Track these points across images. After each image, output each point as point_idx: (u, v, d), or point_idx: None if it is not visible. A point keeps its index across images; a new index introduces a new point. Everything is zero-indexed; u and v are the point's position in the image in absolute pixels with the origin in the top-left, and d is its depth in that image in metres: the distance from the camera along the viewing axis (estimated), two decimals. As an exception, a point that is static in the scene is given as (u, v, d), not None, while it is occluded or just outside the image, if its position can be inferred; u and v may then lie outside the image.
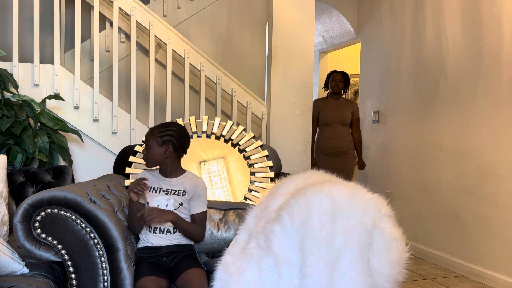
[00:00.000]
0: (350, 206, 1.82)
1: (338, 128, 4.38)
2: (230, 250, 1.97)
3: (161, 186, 2.07)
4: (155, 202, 2.04)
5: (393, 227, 1.81)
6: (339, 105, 4.43)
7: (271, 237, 1.81)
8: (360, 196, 1.86)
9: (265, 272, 1.78)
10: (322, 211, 1.79)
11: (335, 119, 4.37)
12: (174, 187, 2.07)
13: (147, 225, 2.00)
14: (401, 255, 1.77)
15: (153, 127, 2.08)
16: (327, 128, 4.41)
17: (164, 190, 2.06)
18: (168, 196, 2.05)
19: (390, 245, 1.77)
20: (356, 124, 4.49)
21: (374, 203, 1.84)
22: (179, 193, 2.07)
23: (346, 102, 4.49)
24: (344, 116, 4.38)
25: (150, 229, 2.03)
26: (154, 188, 2.07)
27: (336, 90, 4.42)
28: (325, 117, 4.38)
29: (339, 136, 4.37)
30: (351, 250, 1.74)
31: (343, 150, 4.39)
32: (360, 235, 1.77)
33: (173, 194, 2.06)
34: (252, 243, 1.89)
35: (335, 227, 1.77)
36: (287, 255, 1.78)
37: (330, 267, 1.72)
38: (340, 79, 4.43)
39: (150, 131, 2.06)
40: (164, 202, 2.04)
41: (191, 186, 2.08)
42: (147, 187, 1.97)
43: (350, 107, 4.45)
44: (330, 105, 4.43)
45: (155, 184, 2.08)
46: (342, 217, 1.79)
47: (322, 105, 4.45)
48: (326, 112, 4.39)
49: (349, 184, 1.95)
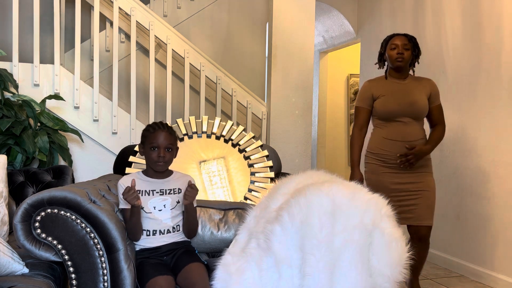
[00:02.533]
0: (350, 206, 1.82)
1: (408, 124, 2.75)
2: (230, 250, 1.97)
3: (154, 188, 2.05)
4: (151, 204, 2.02)
5: (393, 227, 1.81)
6: (408, 87, 2.79)
7: (271, 237, 1.81)
8: (360, 196, 1.86)
9: (265, 272, 1.78)
10: (322, 211, 1.79)
11: (404, 110, 2.73)
12: (169, 186, 2.07)
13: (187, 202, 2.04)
14: (401, 255, 1.77)
15: (166, 129, 2.05)
16: (390, 125, 2.78)
17: (158, 192, 2.05)
18: (164, 196, 2.04)
19: (390, 245, 1.77)
20: (438, 115, 2.83)
21: (374, 203, 1.84)
22: (175, 192, 2.07)
23: (418, 82, 2.82)
24: (417, 104, 2.74)
25: (149, 233, 2.02)
26: (145, 191, 2.04)
27: (400, 63, 2.75)
28: (386, 107, 2.76)
29: (411, 136, 2.73)
30: (351, 250, 1.74)
31: (422, 160, 2.76)
32: (360, 235, 1.77)
33: (169, 193, 2.06)
34: (252, 243, 1.89)
35: (335, 227, 1.78)
36: (287, 255, 1.78)
37: (330, 267, 1.73)
38: (405, 44, 2.76)
39: (169, 133, 2.04)
40: (161, 202, 2.03)
41: (185, 183, 2.08)
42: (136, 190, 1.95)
43: (425, 89, 2.79)
44: (393, 87, 2.80)
45: (146, 187, 2.04)
46: (342, 217, 1.79)
47: (379, 88, 2.82)
48: (387, 99, 2.77)
49: (349, 184, 1.95)
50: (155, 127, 2.05)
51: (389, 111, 2.76)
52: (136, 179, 2.02)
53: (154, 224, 2.01)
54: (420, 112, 2.76)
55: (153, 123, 2.09)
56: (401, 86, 2.80)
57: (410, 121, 2.74)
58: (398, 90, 2.79)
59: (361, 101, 2.86)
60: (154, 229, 2.02)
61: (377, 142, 2.81)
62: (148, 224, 2.01)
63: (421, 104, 2.75)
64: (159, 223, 2.02)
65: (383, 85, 2.82)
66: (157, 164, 2.03)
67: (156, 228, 2.02)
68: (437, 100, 2.83)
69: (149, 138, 2.03)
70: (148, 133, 2.04)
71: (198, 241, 2.20)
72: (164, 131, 2.04)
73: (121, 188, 1.98)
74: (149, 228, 2.01)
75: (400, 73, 2.81)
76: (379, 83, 2.85)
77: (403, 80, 2.82)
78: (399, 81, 2.82)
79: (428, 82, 2.83)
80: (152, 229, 2.01)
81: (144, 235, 2.01)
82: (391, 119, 2.77)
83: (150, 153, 2.03)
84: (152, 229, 2.02)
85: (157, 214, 2.02)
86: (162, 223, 2.02)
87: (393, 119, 2.77)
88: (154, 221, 2.01)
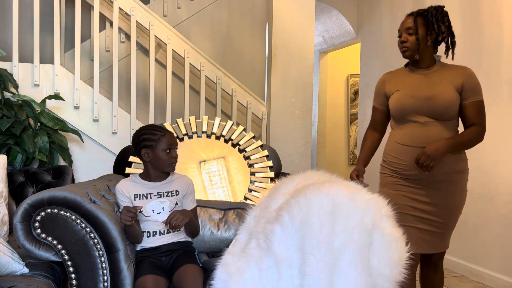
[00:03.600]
0: (350, 206, 1.82)
1: (426, 125, 2.14)
2: (230, 250, 1.97)
3: (152, 191, 2.04)
4: (150, 208, 2.02)
5: (393, 227, 1.81)
6: (430, 78, 2.17)
7: (271, 237, 1.81)
8: (360, 196, 1.86)
9: (265, 272, 1.78)
10: (322, 211, 1.79)
11: (418, 107, 2.13)
12: (166, 189, 2.07)
13: (177, 229, 2.03)
14: (401, 255, 1.77)
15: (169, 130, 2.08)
16: (404, 127, 2.20)
17: (156, 194, 2.04)
18: (162, 199, 2.04)
19: (390, 245, 1.77)
20: (473, 115, 2.14)
21: (374, 203, 1.84)
22: (173, 194, 2.07)
23: (447, 72, 2.17)
24: (436, 98, 2.11)
25: (149, 234, 2.02)
26: (143, 195, 2.03)
27: (406, 53, 2.18)
28: (397, 104, 2.20)
29: (428, 141, 2.10)
30: (351, 250, 1.74)
31: (442, 173, 2.14)
32: (360, 235, 1.77)
33: (167, 196, 2.06)
34: (252, 243, 1.89)
35: (335, 227, 1.77)
36: (287, 255, 1.78)
37: (330, 267, 1.72)
38: (407, 28, 2.15)
39: (172, 134, 2.06)
40: (159, 205, 2.03)
41: (183, 184, 2.09)
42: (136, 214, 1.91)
43: (455, 79, 2.13)
44: (411, 80, 2.20)
45: (143, 191, 2.04)
46: (342, 217, 1.79)
47: (395, 82, 2.26)
48: (401, 93, 2.20)
49: (349, 184, 1.95)
50: (160, 130, 2.04)
51: (401, 108, 2.17)
52: (133, 183, 2.03)
53: (154, 225, 2.02)
54: (440, 108, 2.09)
55: (151, 126, 2.08)
56: (421, 77, 2.18)
57: (428, 122, 2.12)
58: (416, 82, 2.17)
59: (374, 99, 2.37)
60: (154, 230, 2.02)
61: (389, 148, 2.25)
62: (147, 226, 2.02)
63: (442, 98, 2.09)
64: (158, 224, 2.02)
65: (400, 77, 2.24)
66: (172, 165, 2.05)
67: (156, 229, 2.02)
68: (474, 95, 2.11)
69: (161, 142, 2.01)
70: (157, 137, 2.01)
71: (198, 241, 2.20)
72: (170, 132, 2.07)
73: (119, 193, 2.01)
74: (149, 230, 2.02)
75: (418, 62, 2.18)
76: (397, 76, 2.27)
77: (425, 69, 2.18)
78: (421, 71, 2.19)
79: (461, 71, 2.14)
80: (152, 230, 2.02)
81: (144, 236, 2.02)
82: (405, 119, 2.17)
83: (163, 156, 2.01)
84: (152, 230, 2.02)
85: (156, 217, 2.02)
86: (161, 224, 2.02)
87: (407, 118, 2.17)
88: (154, 223, 2.02)
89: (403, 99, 2.17)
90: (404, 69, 2.27)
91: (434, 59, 2.19)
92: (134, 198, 2.01)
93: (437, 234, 2.19)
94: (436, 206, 2.15)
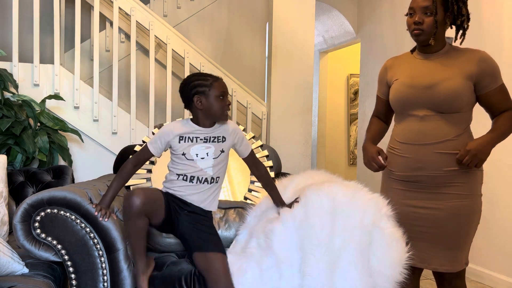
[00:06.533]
0: (350, 206, 1.82)
1: (425, 119, 1.88)
2: (231, 249, 1.97)
3: (198, 135, 1.94)
4: (194, 152, 1.92)
5: (393, 227, 1.81)
6: (435, 64, 1.90)
7: (271, 236, 1.82)
8: (360, 196, 1.86)
9: (266, 271, 1.78)
10: (322, 211, 1.79)
11: (417, 97, 1.89)
12: (213, 134, 1.96)
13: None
14: (401, 255, 1.77)
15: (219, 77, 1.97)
16: (404, 122, 1.96)
17: (202, 139, 1.94)
18: (207, 144, 1.94)
19: (390, 245, 1.77)
20: (500, 101, 1.91)
21: (374, 203, 1.84)
22: (219, 140, 1.97)
23: (456, 56, 1.90)
24: (438, 87, 1.84)
25: (186, 177, 1.92)
26: (189, 138, 1.93)
27: (419, 37, 1.87)
28: (395, 94, 1.96)
29: (428, 137, 1.87)
30: (351, 250, 1.74)
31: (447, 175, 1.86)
32: (360, 235, 1.77)
33: (213, 141, 1.96)
34: (253, 243, 1.89)
35: (335, 227, 1.78)
36: (287, 255, 1.78)
37: (330, 267, 1.73)
38: (425, 7, 1.83)
39: (223, 80, 1.95)
40: (204, 150, 1.94)
41: (230, 131, 2.00)
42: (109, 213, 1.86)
43: (466, 65, 1.86)
44: (414, 66, 1.95)
45: (190, 134, 1.93)
46: (342, 217, 1.79)
47: (398, 69, 2.01)
48: (400, 82, 1.95)
49: (349, 184, 1.95)
50: (212, 76, 1.94)
51: (398, 99, 1.92)
52: (182, 125, 1.94)
53: (194, 170, 1.92)
54: (442, 99, 1.82)
55: (199, 73, 1.99)
56: (425, 63, 1.91)
57: (428, 115, 1.85)
58: (418, 69, 1.91)
59: (377, 88, 2.14)
60: (192, 175, 1.91)
61: (389, 145, 2.02)
62: (187, 169, 1.92)
63: (445, 87, 1.81)
64: (199, 170, 1.92)
65: (403, 63, 1.98)
66: (225, 113, 1.94)
67: (195, 175, 1.92)
68: (494, 81, 1.86)
69: (214, 87, 1.90)
70: (209, 82, 1.91)
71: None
72: (221, 78, 1.96)
73: (162, 132, 1.92)
74: (187, 173, 1.92)
75: (427, 47, 1.90)
76: (400, 62, 2.01)
77: (431, 54, 1.91)
78: (426, 56, 1.92)
79: (473, 56, 1.86)
80: (190, 174, 1.91)
81: (180, 178, 1.92)
82: (405, 112, 1.92)
83: (216, 103, 1.90)
84: (190, 175, 1.91)
85: (199, 163, 1.92)
86: (202, 171, 1.92)
87: (407, 112, 1.91)
88: (194, 169, 1.92)
89: (400, 90, 1.92)
90: (409, 55, 2.00)
91: (444, 43, 1.92)
92: (179, 140, 1.92)
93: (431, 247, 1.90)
94: (432, 211, 1.88)
